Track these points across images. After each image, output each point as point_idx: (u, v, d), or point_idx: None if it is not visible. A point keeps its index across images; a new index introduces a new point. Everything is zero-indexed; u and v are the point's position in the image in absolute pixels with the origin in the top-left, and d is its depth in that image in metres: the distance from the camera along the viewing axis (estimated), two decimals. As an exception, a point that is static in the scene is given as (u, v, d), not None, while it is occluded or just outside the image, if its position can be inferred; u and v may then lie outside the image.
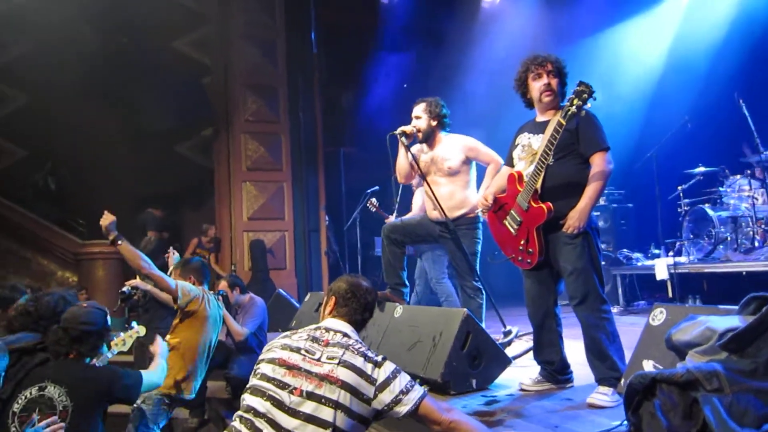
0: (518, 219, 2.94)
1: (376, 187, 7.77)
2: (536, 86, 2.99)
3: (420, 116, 3.98)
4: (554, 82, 2.96)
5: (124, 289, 5.14)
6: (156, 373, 3.18)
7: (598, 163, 2.81)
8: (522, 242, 2.93)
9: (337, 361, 1.99)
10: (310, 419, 1.91)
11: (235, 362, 5.00)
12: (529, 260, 2.93)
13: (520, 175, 2.99)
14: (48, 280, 7.83)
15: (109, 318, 2.98)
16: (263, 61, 9.06)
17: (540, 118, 3.05)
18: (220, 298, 5.09)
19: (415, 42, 10.15)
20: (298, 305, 6.72)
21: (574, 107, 2.68)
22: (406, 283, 4.23)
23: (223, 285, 5.24)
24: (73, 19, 8.73)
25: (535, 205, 2.86)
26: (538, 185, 2.86)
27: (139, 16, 8.68)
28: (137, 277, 4.88)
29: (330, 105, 10.03)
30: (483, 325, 3.59)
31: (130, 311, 8.17)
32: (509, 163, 3.19)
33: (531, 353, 3.45)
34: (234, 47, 8.92)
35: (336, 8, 9.63)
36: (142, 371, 3.06)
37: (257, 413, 1.96)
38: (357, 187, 9.12)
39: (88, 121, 9.18)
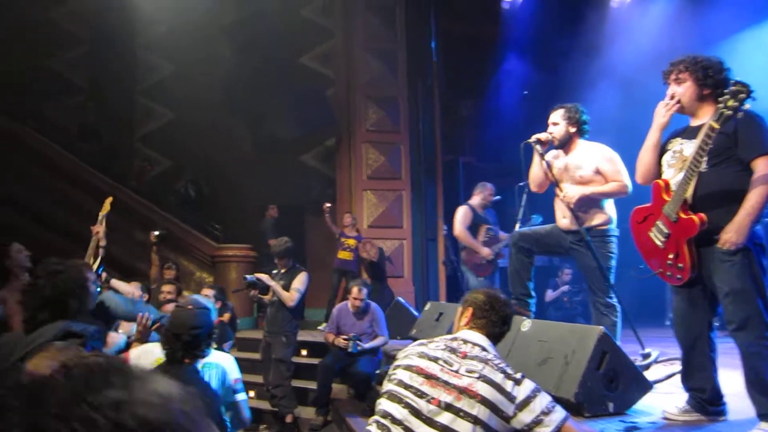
0: (666, 231, 2.72)
1: (498, 197, 7.62)
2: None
3: (558, 122, 3.85)
4: (683, 88, 2.74)
5: (249, 276, 5.51)
6: None
7: (761, 168, 2.50)
8: (671, 256, 2.70)
9: (477, 375, 1.96)
10: (446, 431, 1.89)
11: (358, 362, 5.27)
12: (679, 276, 2.70)
13: (667, 184, 2.76)
14: (188, 280, 8.46)
15: (214, 315, 2.95)
16: (384, 73, 9.24)
17: (694, 122, 2.81)
18: None
19: (536, 48, 9.87)
20: (416, 314, 6.73)
21: (727, 109, 2.43)
22: (533, 294, 4.10)
23: None
24: (211, 40, 9.51)
25: (684, 216, 2.62)
26: (689, 194, 2.62)
27: (270, 34, 9.23)
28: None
29: (449, 114, 10.01)
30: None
31: (259, 311, 8.66)
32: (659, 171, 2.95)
33: (674, 379, 3.19)
34: (356, 60, 9.19)
35: (456, 17, 9.61)
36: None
37: (394, 420, 1.97)
38: (476, 197, 9.03)
39: (224, 134, 9.92)
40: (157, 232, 6.41)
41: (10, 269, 4.59)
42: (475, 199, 6.49)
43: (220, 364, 3.07)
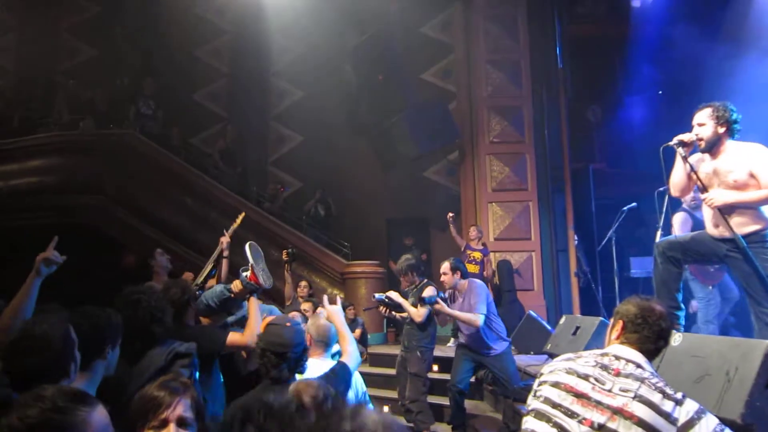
0: None
1: (633, 204, 7.23)
2: None
3: (704, 123, 3.56)
4: None
5: (378, 295, 5.60)
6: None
7: None
8: None
9: (632, 394, 1.84)
10: None
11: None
12: None
13: None
14: (320, 297, 8.81)
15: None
16: (507, 83, 9.13)
17: None
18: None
19: (670, 47, 9.24)
20: (549, 328, 6.50)
21: None
22: (682, 306, 3.83)
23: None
24: (336, 63, 9.96)
25: None
26: None
27: (392, 53, 9.48)
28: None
29: (576, 120, 9.64)
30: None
31: (389, 326, 8.82)
32: None
33: None
34: (478, 72, 9.16)
35: (582, 20, 9.29)
36: None
37: None
38: (609, 205, 8.57)
39: (350, 153, 10.33)
40: (289, 250, 6.73)
41: (153, 268, 5.32)
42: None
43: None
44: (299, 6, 9.22)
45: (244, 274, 3.47)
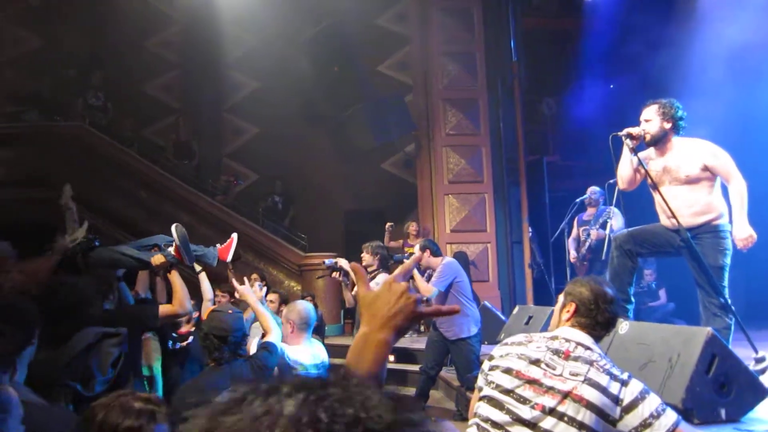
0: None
1: (585, 196, 7.37)
2: None
3: (651, 119, 3.64)
4: None
5: (328, 261, 5.55)
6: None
7: None
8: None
9: (581, 378, 1.87)
10: None
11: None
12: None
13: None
14: (276, 288, 8.74)
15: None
16: (462, 75, 9.18)
17: None
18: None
19: (623, 40, 9.44)
20: (503, 318, 6.59)
21: None
22: (632, 299, 3.91)
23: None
24: (292, 54, 9.82)
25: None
26: None
27: (348, 45, 9.41)
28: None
29: (531, 113, 9.77)
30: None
31: (345, 317, 8.78)
32: None
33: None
34: (434, 64, 9.17)
35: (536, 13, 9.40)
36: None
37: (495, 424, 1.92)
38: (562, 197, 8.72)
39: (307, 145, 10.22)
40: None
41: None
42: None
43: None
44: (252, -4, 9.05)
45: (169, 249, 3.45)
